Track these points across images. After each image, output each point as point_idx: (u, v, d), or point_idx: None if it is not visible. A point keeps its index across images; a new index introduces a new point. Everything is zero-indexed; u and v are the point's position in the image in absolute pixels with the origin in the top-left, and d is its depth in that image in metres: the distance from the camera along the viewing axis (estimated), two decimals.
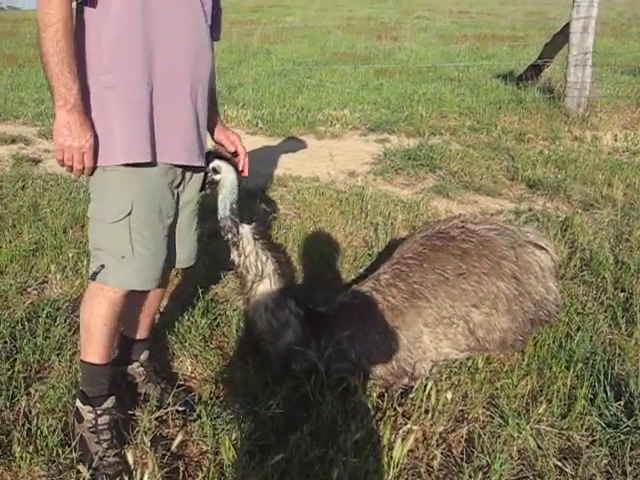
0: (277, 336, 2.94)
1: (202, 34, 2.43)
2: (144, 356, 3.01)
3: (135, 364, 3.01)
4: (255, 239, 2.85)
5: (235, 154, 2.84)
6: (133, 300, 2.70)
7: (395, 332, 2.94)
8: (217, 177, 2.72)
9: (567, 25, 8.99)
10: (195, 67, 2.40)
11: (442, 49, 16.19)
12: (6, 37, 19.49)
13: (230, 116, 8.73)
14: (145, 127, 2.30)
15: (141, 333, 2.99)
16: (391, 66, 12.86)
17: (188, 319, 3.55)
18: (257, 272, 2.86)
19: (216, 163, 2.70)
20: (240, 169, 2.78)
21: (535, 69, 10.22)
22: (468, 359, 3.15)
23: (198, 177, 2.65)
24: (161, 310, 3.66)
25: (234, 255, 2.87)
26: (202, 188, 2.70)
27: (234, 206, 2.77)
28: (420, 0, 35.34)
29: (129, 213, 2.35)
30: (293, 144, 7.44)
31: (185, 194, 2.62)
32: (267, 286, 2.87)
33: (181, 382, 3.04)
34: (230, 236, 2.81)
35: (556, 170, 6.60)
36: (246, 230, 2.82)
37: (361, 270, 4.18)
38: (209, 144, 2.70)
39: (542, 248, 3.29)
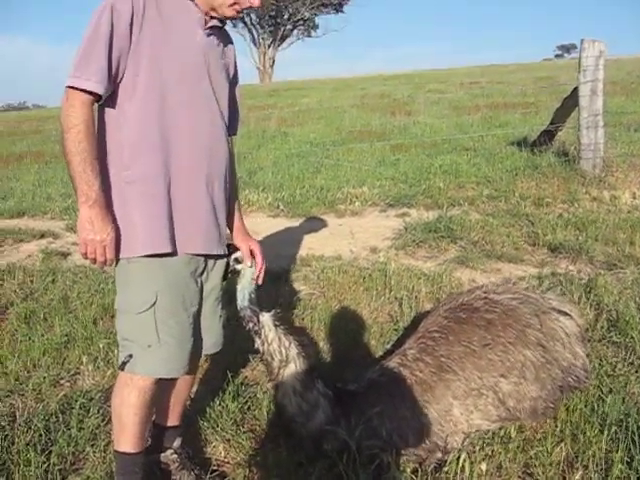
0: (307, 418, 2.96)
1: (218, 130, 2.57)
2: (177, 443, 3.04)
3: (169, 451, 3.04)
4: (276, 325, 2.92)
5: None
6: (163, 388, 2.76)
7: (425, 406, 2.95)
8: (238, 267, 2.82)
9: (576, 89, 9.14)
10: (211, 162, 2.53)
11: (455, 120, 16.44)
12: (32, 135, 20.17)
13: (251, 200, 8.89)
14: (165, 218, 2.41)
15: (172, 420, 3.03)
16: (406, 141, 13.06)
17: (219, 404, 3.58)
18: (282, 357, 2.92)
19: (238, 254, 2.82)
20: (255, 278, 2.87)
21: (548, 134, 10.34)
22: (500, 429, 3.13)
23: (221, 265, 2.74)
24: (192, 396, 3.69)
25: (257, 343, 2.95)
26: (225, 276, 2.79)
27: (252, 296, 2.87)
28: (431, 74, 36.16)
29: (154, 303, 2.44)
30: (314, 224, 7.54)
31: (209, 282, 2.70)
32: (293, 370, 2.93)
33: (215, 467, 3.06)
34: (251, 325, 2.89)
35: (577, 232, 6.62)
36: (266, 318, 2.90)
37: (388, 346, 4.20)
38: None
39: (566, 314, 3.31)
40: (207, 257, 2.63)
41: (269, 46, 67.64)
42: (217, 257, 2.69)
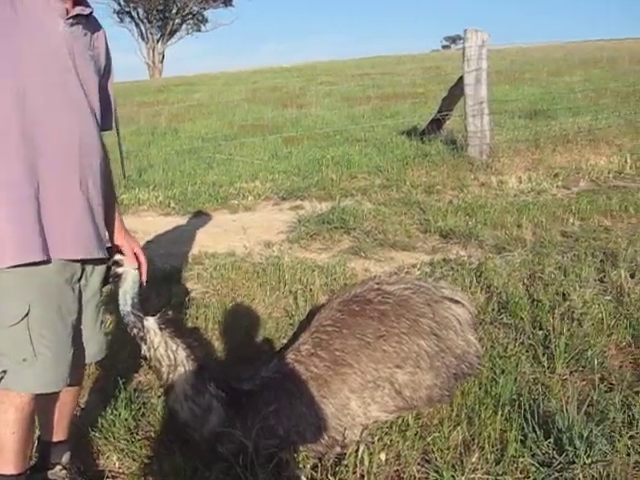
0: (201, 422, 2.86)
1: (87, 126, 2.40)
2: (65, 458, 2.87)
3: (57, 468, 2.87)
4: (162, 329, 2.79)
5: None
6: (44, 402, 2.60)
7: (321, 402, 2.91)
8: (119, 270, 2.65)
9: (461, 78, 9.35)
10: (83, 160, 2.37)
11: (347, 112, 16.57)
12: None
13: (142, 199, 8.63)
14: (34, 225, 2.24)
15: (59, 435, 2.86)
16: (299, 133, 13.05)
17: (111, 412, 3.42)
18: (169, 362, 2.80)
19: (118, 257, 2.65)
20: (137, 281, 2.71)
21: (437, 123, 10.56)
22: (398, 418, 3.13)
23: (101, 269, 2.59)
24: (82, 406, 3.55)
25: (144, 349, 2.81)
26: (105, 281, 2.64)
27: (135, 300, 2.71)
28: (322, 66, 36.37)
29: (26, 314, 2.27)
30: (207, 221, 7.42)
31: (88, 288, 2.55)
32: (182, 374, 2.81)
33: (108, 479, 2.93)
34: (136, 331, 2.75)
35: (467, 217, 6.76)
36: (151, 323, 2.77)
37: (284, 340, 4.14)
38: None
39: (458, 302, 3.33)
40: (85, 262, 2.47)
41: (158, 41, 66.25)
42: (96, 262, 2.53)
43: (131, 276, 2.67)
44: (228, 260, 5.85)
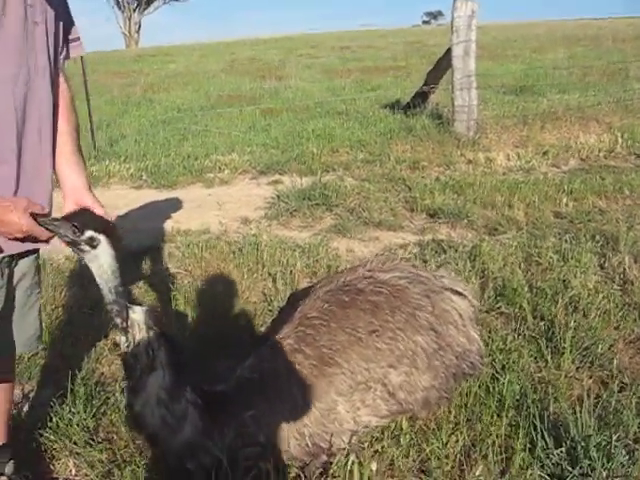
0: (173, 431, 2.47)
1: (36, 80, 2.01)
2: (9, 468, 2.51)
3: (2, 478, 2.51)
4: (148, 325, 2.38)
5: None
6: None
7: (305, 406, 2.55)
8: (93, 252, 2.21)
9: (449, 50, 9.00)
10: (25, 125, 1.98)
11: (328, 84, 16.22)
12: None
13: (112, 171, 8.29)
14: None
15: None
16: (278, 105, 12.70)
17: (68, 410, 3.06)
18: (148, 362, 2.40)
19: (93, 234, 2.18)
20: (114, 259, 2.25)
21: (421, 96, 10.21)
22: (391, 423, 2.79)
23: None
24: (32, 403, 3.22)
25: (122, 341, 2.40)
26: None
27: (120, 288, 2.29)
28: (302, 38, 35.82)
29: None
30: (180, 195, 6.99)
31: (18, 268, 2.17)
32: (160, 378, 2.40)
33: None
34: (119, 321, 2.33)
35: (455, 196, 6.46)
36: (137, 315, 2.35)
37: (262, 328, 3.78)
38: None
39: (459, 293, 2.94)
40: None
41: (134, 10, 64.82)
42: None
43: (108, 265, 2.23)
44: (202, 238, 5.52)
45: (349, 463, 2.52)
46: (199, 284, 4.46)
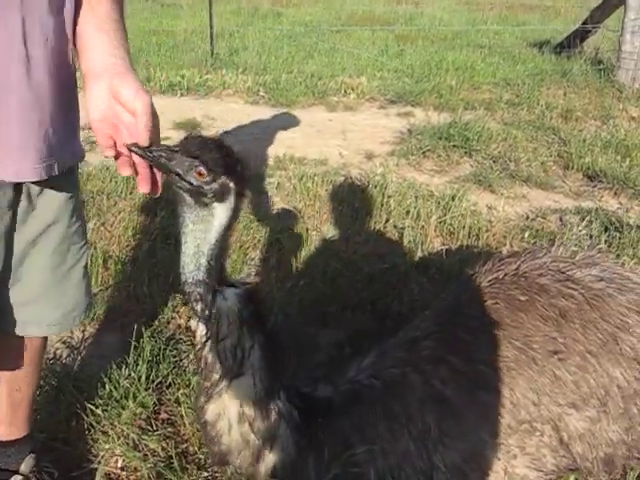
0: (253, 456, 1.74)
1: None
2: (26, 465, 1.86)
3: (16, 478, 1.86)
4: (242, 318, 1.64)
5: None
6: None
7: (442, 442, 1.77)
8: (215, 208, 1.52)
9: None
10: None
11: (467, 16, 14.95)
12: None
13: (227, 82, 7.76)
14: None
15: (11, 432, 1.84)
16: (413, 31, 11.66)
17: (128, 375, 2.43)
18: (234, 363, 1.66)
19: (227, 181, 1.50)
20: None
21: (579, 36, 8.99)
22: None
23: (65, 183, 1.51)
24: (87, 355, 2.56)
25: (197, 329, 1.68)
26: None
27: (212, 263, 1.58)
28: None
29: None
30: (299, 117, 6.39)
31: (35, 217, 1.51)
32: (247, 386, 1.69)
33: None
34: (200, 307, 1.62)
35: (618, 157, 5.39)
36: (229, 303, 1.62)
37: (385, 302, 2.96)
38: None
39: None
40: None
41: None
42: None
43: (228, 218, 1.54)
44: (318, 170, 4.82)
45: None
46: (309, 228, 3.69)
